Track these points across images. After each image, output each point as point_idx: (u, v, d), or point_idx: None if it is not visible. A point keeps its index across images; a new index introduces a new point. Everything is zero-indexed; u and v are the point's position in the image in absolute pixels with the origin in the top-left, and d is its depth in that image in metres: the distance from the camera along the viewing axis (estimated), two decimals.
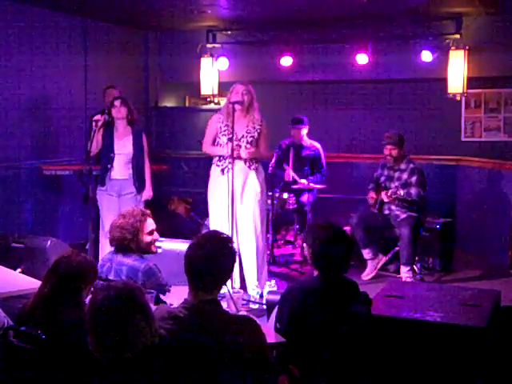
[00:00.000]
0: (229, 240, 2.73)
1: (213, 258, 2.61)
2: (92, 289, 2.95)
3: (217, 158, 5.51)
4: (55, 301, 2.87)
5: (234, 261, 2.72)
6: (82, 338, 2.60)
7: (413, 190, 6.05)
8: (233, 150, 5.32)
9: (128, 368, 2.24)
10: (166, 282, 3.84)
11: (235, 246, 2.76)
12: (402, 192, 5.98)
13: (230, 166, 5.32)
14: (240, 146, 5.39)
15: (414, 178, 6.11)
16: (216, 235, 2.75)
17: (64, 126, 7.29)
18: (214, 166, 5.54)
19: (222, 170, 5.43)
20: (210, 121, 5.63)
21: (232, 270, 2.72)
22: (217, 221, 5.49)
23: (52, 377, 2.70)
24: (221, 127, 5.48)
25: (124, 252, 3.90)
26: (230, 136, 5.33)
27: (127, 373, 2.24)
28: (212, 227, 5.44)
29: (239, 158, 5.39)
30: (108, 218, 5.36)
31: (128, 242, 3.92)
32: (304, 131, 7.14)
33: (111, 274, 3.84)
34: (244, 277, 5.53)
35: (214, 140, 5.54)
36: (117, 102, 5.73)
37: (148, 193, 5.82)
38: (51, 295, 2.89)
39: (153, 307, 2.71)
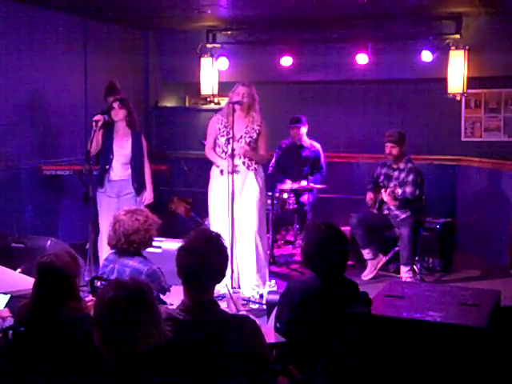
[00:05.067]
0: (218, 237, 2.68)
1: (204, 259, 2.56)
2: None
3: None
4: (49, 298, 2.88)
5: (227, 257, 2.67)
6: (84, 332, 2.61)
7: (408, 189, 6.06)
8: (233, 149, 5.33)
9: (131, 365, 2.24)
10: (168, 285, 3.83)
11: (225, 242, 2.72)
12: (399, 190, 5.99)
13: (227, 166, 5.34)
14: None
15: (410, 178, 6.12)
16: (204, 235, 2.68)
17: (64, 126, 7.29)
18: (213, 167, 5.55)
19: (221, 171, 5.44)
20: (210, 122, 5.64)
21: (226, 267, 2.68)
22: (217, 221, 5.50)
23: (54, 373, 2.70)
24: (220, 128, 5.49)
25: (128, 254, 3.88)
26: (229, 137, 5.34)
27: (130, 370, 2.24)
28: (212, 227, 5.44)
29: (240, 156, 5.40)
30: (106, 219, 5.35)
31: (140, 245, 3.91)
32: (303, 130, 7.16)
33: (114, 274, 3.82)
34: (245, 277, 5.53)
35: (215, 141, 5.55)
36: (115, 104, 5.72)
37: (149, 196, 5.83)
38: (43, 294, 2.90)
39: None
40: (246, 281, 5.47)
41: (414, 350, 2.70)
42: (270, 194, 6.45)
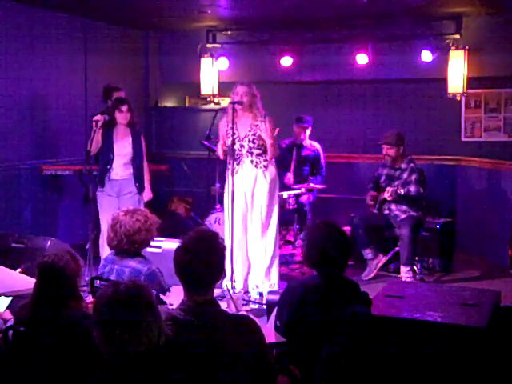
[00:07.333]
0: (216, 237, 2.68)
1: (202, 259, 2.55)
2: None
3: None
4: (51, 298, 2.88)
5: (224, 257, 2.66)
6: (84, 332, 2.61)
7: (412, 188, 6.08)
8: (234, 150, 5.33)
9: (132, 365, 2.24)
10: (167, 286, 3.82)
11: (224, 242, 2.72)
12: (402, 191, 6.00)
13: (236, 167, 5.36)
14: (243, 146, 5.42)
15: (413, 177, 6.14)
16: (202, 235, 2.68)
17: (64, 126, 7.28)
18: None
19: (231, 172, 5.44)
20: (219, 126, 5.67)
21: (223, 267, 2.68)
22: (228, 219, 5.51)
23: (54, 373, 2.70)
24: (226, 130, 5.51)
25: (128, 254, 3.88)
26: (234, 137, 5.34)
27: (130, 370, 2.24)
28: (235, 229, 5.46)
29: (247, 154, 5.41)
30: (107, 218, 5.34)
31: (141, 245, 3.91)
32: (308, 132, 7.17)
33: (113, 275, 3.82)
34: (256, 272, 5.53)
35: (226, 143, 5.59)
36: (124, 108, 5.70)
37: (148, 193, 5.85)
38: (45, 294, 2.90)
39: None
40: (252, 281, 5.47)
41: (414, 350, 2.71)
42: None
